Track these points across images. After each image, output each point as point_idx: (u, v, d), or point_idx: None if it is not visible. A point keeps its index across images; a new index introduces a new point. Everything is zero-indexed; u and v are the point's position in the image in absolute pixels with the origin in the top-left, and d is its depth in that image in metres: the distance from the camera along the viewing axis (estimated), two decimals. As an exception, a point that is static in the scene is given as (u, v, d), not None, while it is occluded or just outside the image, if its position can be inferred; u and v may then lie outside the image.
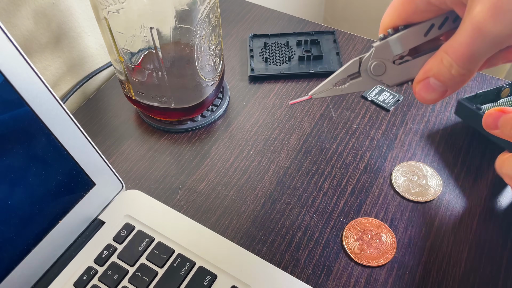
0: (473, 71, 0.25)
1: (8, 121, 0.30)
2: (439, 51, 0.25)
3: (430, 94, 0.26)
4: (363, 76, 0.27)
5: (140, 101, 0.46)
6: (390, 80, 0.27)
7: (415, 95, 0.27)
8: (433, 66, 0.25)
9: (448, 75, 0.25)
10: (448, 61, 0.24)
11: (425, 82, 0.26)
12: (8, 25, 0.43)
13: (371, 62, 0.27)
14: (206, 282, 0.35)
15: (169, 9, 0.37)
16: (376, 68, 0.27)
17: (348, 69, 0.28)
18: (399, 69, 0.27)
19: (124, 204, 0.40)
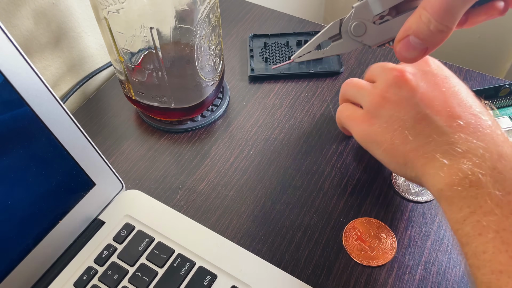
0: (451, 27, 0.25)
1: (8, 121, 0.30)
2: (418, 8, 0.25)
3: (410, 53, 0.27)
4: (344, 38, 0.27)
5: (140, 101, 0.46)
6: (371, 41, 0.27)
7: (396, 54, 0.27)
8: (412, 24, 0.25)
9: (427, 31, 0.25)
10: (426, 16, 0.25)
11: (406, 40, 0.26)
12: (8, 25, 0.43)
13: (351, 23, 0.27)
14: (206, 282, 0.35)
15: (169, 9, 0.37)
16: (356, 28, 0.27)
17: (329, 31, 0.28)
18: (379, 29, 0.27)
19: (124, 204, 0.40)
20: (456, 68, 0.53)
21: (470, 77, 0.52)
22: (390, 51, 0.56)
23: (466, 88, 0.33)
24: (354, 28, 0.27)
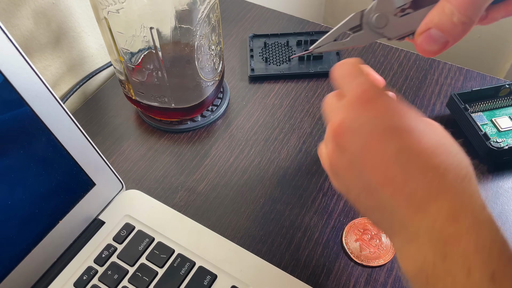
0: (474, 20, 0.24)
1: (8, 121, 0.30)
2: (441, 1, 0.25)
3: (431, 46, 0.26)
4: (365, 29, 0.27)
5: (140, 101, 0.46)
6: (392, 33, 0.27)
7: (416, 48, 0.27)
8: (435, 16, 0.25)
9: (450, 24, 0.25)
10: (450, 9, 0.24)
11: (427, 33, 0.26)
12: (8, 25, 0.43)
13: (373, 14, 0.26)
14: (206, 282, 0.35)
15: (169, 9, 0.37)
16: (378, 20, 0.26)
17: (350, 22, 0.27)
18: (400, 22, 0.26)
19: (124, 204, 0.40)
20: (456, 68, 0.53)
21: (470, 77, 0.52)
22: (390, 51, 0.56)
23: (424, 136, 0.26)
24: (376, 19, 0.26)
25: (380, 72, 0.53)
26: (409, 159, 0.25)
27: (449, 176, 0.24)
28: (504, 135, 0.44)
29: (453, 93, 0.46)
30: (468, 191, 0.24)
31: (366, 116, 0.26)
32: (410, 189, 0.24)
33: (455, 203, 0.23)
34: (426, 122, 0.27)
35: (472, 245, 0.22)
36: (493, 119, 0.45)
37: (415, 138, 0.26)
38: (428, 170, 0.24)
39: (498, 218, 0.40)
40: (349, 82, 0.28)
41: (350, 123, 0.27)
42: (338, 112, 0.28)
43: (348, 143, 0.27)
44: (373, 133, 0.26)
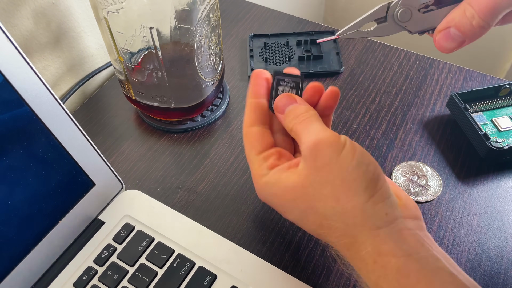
0: (492, 24, 0.26)
1: (8, 121, 0.30)
2: (463, 3, 0.27)
3: (449, 43, 0.28)
4: (389, 21, 0.29)
5: (139, 101, 0.46)
6: (414, 27, 0.29)
7: (434, 43, 0.29)
8: (456, 16, 0.27)
9: (469, 26, 0.27)
10: (471, 12, 0.26)
11: (446, 31, 0.28)
12: (7, 25, 0.42)
13: (398, 8, 0.28)
14: (206, 282, 0.35)
15: (168, 9, 0.37)
16: (403, 14, 0.28)
17: (376, 13, 0.29)
18: (423, 17, 0.28)
19: (124, 204, 0.40)
20: (456, 68, 0.53)
21: (470, 77, 0.52)
22: (390, 51, 0.56)
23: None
24: (401, 14, 0.28)
25: (380, 72, 0.53)
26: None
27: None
28: (504, 135, 0.44)
29: (453, 93, 0.46)
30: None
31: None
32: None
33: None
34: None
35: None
36: (493, 119, 0.45)
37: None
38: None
39: (498, 218, 0.40)
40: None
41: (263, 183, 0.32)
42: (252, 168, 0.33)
43: (265, 200, 0.34)
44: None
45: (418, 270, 0.25)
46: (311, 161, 0.29)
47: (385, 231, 0.27)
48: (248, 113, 0.34)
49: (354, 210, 0.27)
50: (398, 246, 0.26)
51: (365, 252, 0.27)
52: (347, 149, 0.28)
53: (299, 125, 0.31)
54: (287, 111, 0.33)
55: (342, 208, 0.28)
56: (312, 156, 0.29)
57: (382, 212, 0.27)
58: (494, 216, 0.40)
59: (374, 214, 0.27)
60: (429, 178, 0.43)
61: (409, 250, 0.26)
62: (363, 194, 0.27)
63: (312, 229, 0.31)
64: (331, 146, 0.28)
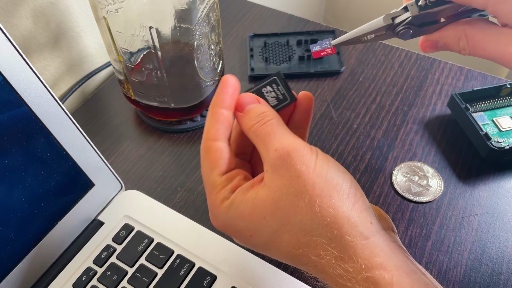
0: (474, 55, 0.28)
1: (7, 121, 0.30)
2: (461, 29, 0.27)
3: (431, 50, 0.29)
4: (387, 34, 0.29)
5: (139, 101, 0.46)
6: (409, 38, 0.29)
7: (419, 43, 0.29)
8: (449, 38, 0.28)
9: (457, 50, 0.28)
10: (464, 45, 0.27)
11: (435, 42, 0.29)
12: (7, 25, 0.42)
13: (400, 29, 0.28)
14: (206, 283, 0.35)
15: (168, 8, 0.37)
16: (404, 34, 0.28)
17: (377, 29, 0.29)
18: (420, 31, 0.29)
19: (123, 204, 0.40)
20: (457, 67, 0.53)
21: (471, 77, 0.52)
22: (391, 51, 0.55)
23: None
24: (403, 33, 0.28)
25: (381, 72, 0.53)
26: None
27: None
28: (505, 135, 0.43)
29: (454, 93, 0.46)
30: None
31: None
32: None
33: None
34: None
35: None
36: (494, 119, 0.45)
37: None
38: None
39: (499, 218, 0.40)
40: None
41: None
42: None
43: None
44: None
45: (410, 284, 0.23)
46: (283, 171, 0.25)
47: (373, 241, 0.24)
48: (212, 124, 0.28)
49: (338, 219, 0.24)
50: (388, 258, 0.24)
51: (354, 269, 0.24)
52: (321, 158, 0.26)
53: (263, 127, 0.27)
54: (248, 108, 0.29)
55: (323, 219, 0.24)
56: (285, 165, 0.25)
57: (367, 220, 0.25)
58: (495, 216, 0.40)
59: (360, 223, 0.25)
60: (430, 178, 0.42)
61: (398, 263, 0.24)
62: (346, 202, 0.25)
63: (285, 252, 0.26)
64: (305, 154, 0.26)
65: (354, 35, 0.29)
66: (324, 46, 0.31)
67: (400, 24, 0.28)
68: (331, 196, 0.25)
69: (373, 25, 0.29)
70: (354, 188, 0.26)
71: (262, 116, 0.28)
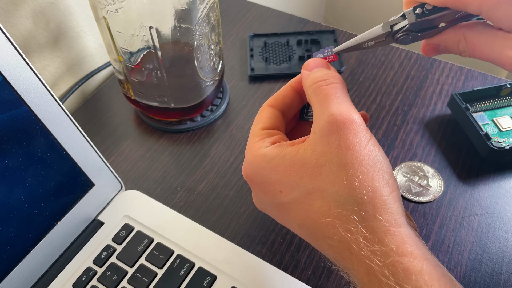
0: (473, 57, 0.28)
1: (7, 121, 0.30)
2: (460, 32, 0.27)
3: (433, 54, 0.30)
4: (387, 40, 0.30)
5: (139, 101, 0.46)
6: (408, 43, 0.29)
7: (421, 48, 0.30)
8: (449, 41, 0.28)
9: (457, 52, 0.28)
10: (464, 47, 0.27)
11: (436, 46, 0.29)
12: (6, 24, 0.42)
13: (400, 35, 0.29)
14: (206, 283, 0.35)
15: (168, 8, 0.37)
16: (403, 40, 0.29)
17: (376, 37, 0.29)
18: (419, 37, 0.29)
19: (123, 204, 0.40)
20: (458, 67, 0.53)
21: (471, 77, 0.52)
22: (391, 51, 0.55)
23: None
24: (402, 40, 0.29)
25: (381, 72, 0.53)
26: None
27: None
28: (506, 135, 0.43)
29: (454, 93, 0.45)
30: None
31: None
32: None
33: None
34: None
35: None
36: (494, 119, 0.45)
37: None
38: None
39: (499, 219, 0.40)
40: None
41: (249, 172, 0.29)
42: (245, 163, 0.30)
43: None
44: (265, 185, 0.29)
45: (439, 277, 0.23)
46: (333, 138, 0.25)
47: (404, 231, 0.24)
48: (275, 94, 0.31)
49: (376, 200, 0.24)
50: (418, 249, 0.24)
51: (382, 252, 0.23)
52: (374, 140, 0.26)
53: (325, 88, 0.27)
54: (316, 69, 0.29)
55: (361, 196, 0.24)
56: (338, 133, 0.25)
57: (401, 211, 0.25)
58: (495, 216, 0.40)
59: (396, 211, 0.24)
60: (430, 178, 0.42)
61: (427, 255, 0.24)
62: (385, 188, 0.25)
63: (311, 217, 0.26)
64: (361, 130, 0.25)
65: (355, 43, 0.30)
66: (326, 54, 0.31)
67: (399, 31, 0.28)
68: (373, 178, 0.25)
69: (373, 33, 0.29)
70: (393, 179, 0.26)
71: (329, 76, 0.28)
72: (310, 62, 0.30)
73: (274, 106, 0.31)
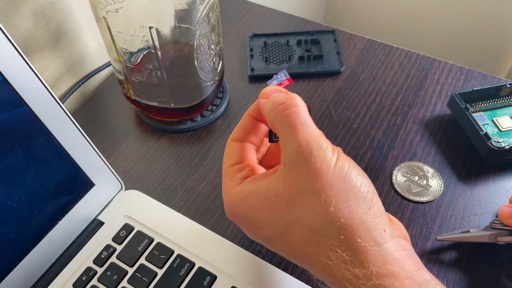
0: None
1: (7, 121, 0.30)
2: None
3: None
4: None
5: (139, 101, 0.46)
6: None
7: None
8: None
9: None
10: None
11: None
12: (7, 24, 0.42)
13: (502, 243, 0.36)
14: (206, 283, 0.35)
15: (168, 8, 0.37)
16: (502, 244, 0.36)
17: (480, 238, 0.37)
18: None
19: (124, 204, 0.40)
20: (457, 67, 0.53)
21: (471, 77, 0.52)
22: (391, 51, 0.55)
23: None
24: (501, 245, 0.37)
25: (381, 72, 0.53)
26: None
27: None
28: (505, 135, 0.43)
29: (454, 93, 0.45)
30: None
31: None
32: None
33: None
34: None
35: None
36: (494, 119, 0.45)
37: None
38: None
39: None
40: None
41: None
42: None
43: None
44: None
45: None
46: (302, 169, 0.25)
47: (385, 249, 0.24)
48: (237, 126, 0.31)
49: (352, 221, 0.24)
50: (400, 267, 0.23)
51: (364, 275, 0.23)
52: (342, 159, 0.25)
53: (287, 114, 0.26)
54: (274, 95, 0.28)
55: (337, 219, 0.24)
56: (306, 163, 0.25)
57: (381, 227, 0.24)
58: (495, 216, 0.40)
59: (374, 228, 0.24)
60: (430, 178, 0.42)
61: (410, 273, 0.23)
62: (362, 205, 0.24)
63: (294, 248, 0.26)
64: (327, 153, 0.25)
65: (460, 240, 0.37)
66: (281, 79, 0.31)
67: (502, 241, 0.36)
68: (347, 198, 0.24)
69: (479, 238, 0.36)
70: (371, 193, 0.25)
71: (288, 99, 0.27)
72: (265, 90, 0.29)
73: (238, 139, 0.31)
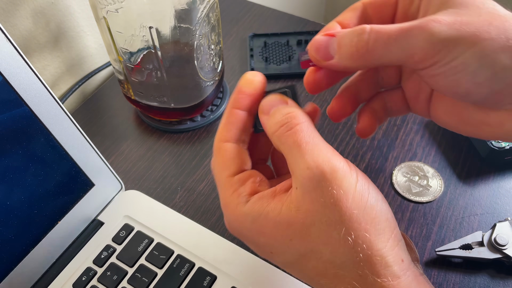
0: (363, 67, 0.29)
1: (7, 121, 0.30)
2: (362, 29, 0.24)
3: (318, 53, 0.27)
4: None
5: (139, 101, 0.46)
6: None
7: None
8: (348, 34, 0.25)
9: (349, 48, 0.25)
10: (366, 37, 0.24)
11: (328, 38, 0.26)
12: (6, 24, 0.42)
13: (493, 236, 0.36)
14: (206, 283, 0.35)
15: (168, 8, 0.37)
16: (500, 239, 0.36)
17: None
18: None
19: (123, 204, 0.40)
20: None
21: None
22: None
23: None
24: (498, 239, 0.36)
25: (381, 72, 0.53)
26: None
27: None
28: (505, 135, 0.43)
29: (454, 93, 0.45)
30: None
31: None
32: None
33: None
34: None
35: None
36: (494, 119, 0.45)
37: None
38: None
39: (499, 219, 0.40)
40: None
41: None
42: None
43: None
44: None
45: None
46: (316, 195, 0.22)
47: (404, 281, 0.22)
48: (224, 125, 0.27)
49: (372, 257, 0.22)
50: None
51: None
52: (361, 182, 0.23)
53: (290, 134, 0.24)
54: (273, 110, 0.25)
55: (356, 254, 0.22)
56: (320, 189, 0.22)
57: (399, 258, 0.23)
58: (495, 216, 0.40)
59: (393, 262, 0.22)
60: (430, 178, 0.42)
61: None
62: (381, 238, 0.23)
63: (309, 276, 0.25)
64: (344, 177, 0.22)
65: (459, 257, 0.36)
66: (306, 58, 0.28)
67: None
68: (367, 230, 0.22)
69: (480, 259, 0.36)
70: (390, 220, 0.24)
71: (289, 118, 0.24)
72: (264, 104, 0.26)
73: (229, 139, 0.27)
